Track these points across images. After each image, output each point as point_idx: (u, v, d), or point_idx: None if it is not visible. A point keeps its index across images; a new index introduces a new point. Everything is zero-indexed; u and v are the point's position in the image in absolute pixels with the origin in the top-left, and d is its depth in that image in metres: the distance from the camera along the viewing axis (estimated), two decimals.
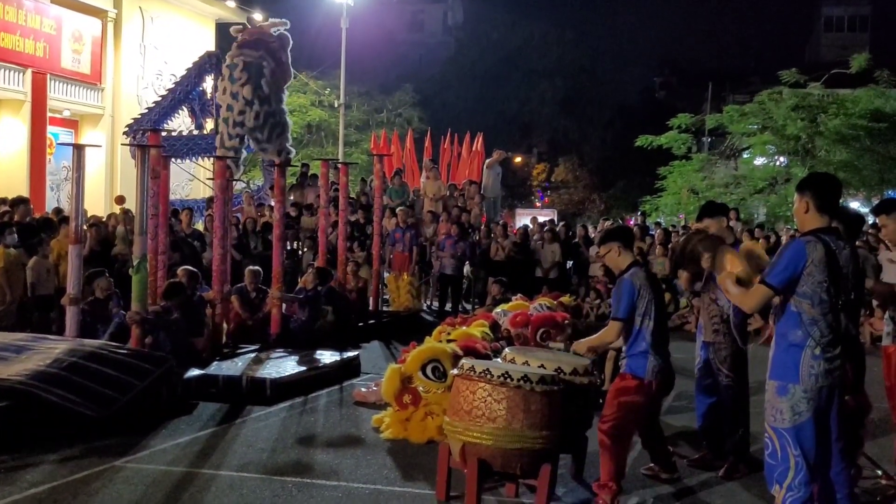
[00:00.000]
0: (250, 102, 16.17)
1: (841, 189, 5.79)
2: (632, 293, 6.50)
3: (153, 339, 10.74)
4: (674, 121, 31.40)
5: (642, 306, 6.51)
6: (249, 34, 16.76)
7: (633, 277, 6.56)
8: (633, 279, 6.55)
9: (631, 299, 6.50)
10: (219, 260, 12.42)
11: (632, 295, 6.50)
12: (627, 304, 6.50)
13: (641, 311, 6.51)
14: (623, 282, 6.61)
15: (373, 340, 14.83)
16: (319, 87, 38.75)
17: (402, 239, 18.11)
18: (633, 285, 6.51)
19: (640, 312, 6.50)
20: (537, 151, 60.84)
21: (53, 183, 24.45)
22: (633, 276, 6.58)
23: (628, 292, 6.52)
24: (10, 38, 22.25)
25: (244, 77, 16.08)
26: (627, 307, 6.50)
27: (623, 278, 6.63)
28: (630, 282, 6.54)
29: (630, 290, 6.51)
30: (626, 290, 6.53)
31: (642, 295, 6.51)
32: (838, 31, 64.78)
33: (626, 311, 6.50)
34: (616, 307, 6.61)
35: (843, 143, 27.75)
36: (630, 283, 6.53)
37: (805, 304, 5.26)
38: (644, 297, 6.51)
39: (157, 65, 27.76)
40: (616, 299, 6.63)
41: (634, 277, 6.56)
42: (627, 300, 6.51)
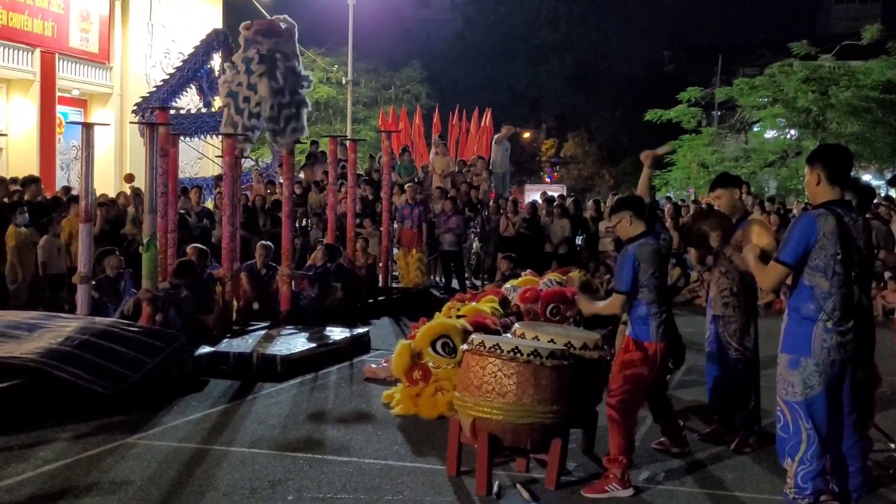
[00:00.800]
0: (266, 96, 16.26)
1: (852, 161, 5.76)
2: (634, 266, 6.45)
3: (163, 317, 10.76)
4: (683, 94, 31.24)
5: (643, 279, 6.46)
6: (259, 25, 16.80)
7: (637, 250, 6.50)
8: (637, 252, 6.49)
9: (632, 272, 6.45)
10: (228, 238, 12.44)
11: (634, 267, 6.45)
12: (629, 277, 6.44)
13: (643, 280, 6.45)
14: (626, 253, 6.54)
15: (382, 317, 14.85)
16: (327, 65, 38.67)
17: (410, 215, 18.09)
18: (634, 258, 6.46)
19: (643, 282, 6.45)
20: (546, 127, 60.73)
21: (63, 162, 24.49)
22: (636, 248, 6.52)
23: (630, 265, 6.46)
24: (19, 17, 22.25)
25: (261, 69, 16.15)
26: (629, 280, 6.44)
27: (626, 249, 6.58)
28: (633, 254, 6.48)
29: (631, 263, 6.46)
30: (628, 263, 6.48)
31: (643, 269, 6.45)
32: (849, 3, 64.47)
33: (629, 283, 6.44)
34: (618, 279, 6.56)
35: (855, 115, 27.59)
36: (632, 256, 6.47)
37: (818, 278, 5.24)
38: (645, 270, 6.46)
39: (164, 43, 27.73)
40: (618, 271, 6.59)
41: (638, 250, 6.50)
42: (629, 273, 6.46)
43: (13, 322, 9.57)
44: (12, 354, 8.53)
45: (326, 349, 11.12)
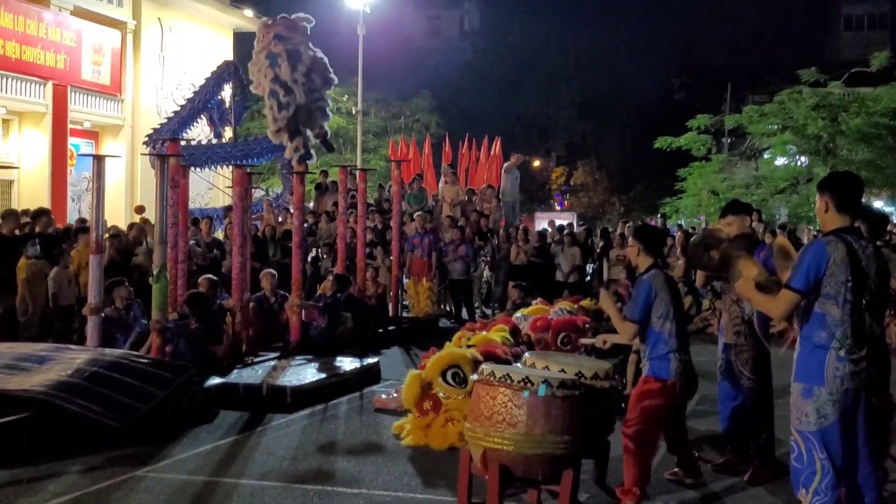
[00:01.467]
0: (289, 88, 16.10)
1: (862, 188, 5.72)
2: (648, 295, 6.47)
3: (173, 348, 10.75)
4: (693, 122, 31.22)
5: (661, 308, 6.46)
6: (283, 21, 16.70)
7: (652, 279, 6.53)
8: (652, 281, 6.51)
9: (647, 301, 6.46)
10: (238, 268, 12.45)
11: (648, 297, 6.46)
12: (643, 307, 6.47)
13: (660, 313, 6.46)
14: (641, 282, 6.59)
15: (393, 346, 14.81)
16: (337, 95, 38.74)
17: (420, 244, 18.07)
18: (650, 286, 6.48)
19: (660, 314, 6.46)
20: (556, 155, 60.74)
21: (74, 194, 24.57)
22: (651, 277, 6.55)
23: (645, 294, 6.49)
24: (32, 51, 22.39)
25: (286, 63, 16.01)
26: (642, 309, 6.47)
27: (642, 279, 6.60)
28: (648, 283, 6.50)
29: (647, 292, 6.48)
30: (643, 292, 6.50)
31: (661, 297, 6.46)
32: (858, 30, 64.47)
33: (641, 313, 6.47)
34: (632, 309, 6.58)
35: (866, 142, 27.55)
36: (648, 285, 6.50)
37: (829, 305, 5.20)
38: (663, 298, 6.47)
39: (175, 75, 27.88)
40: (633, 301, 6.61)
41: (653, 279, 6.52)
42: (643, 302, 6.48)
43: (23, 354, 9.57)
44: (22, 387, 8.52)
45: (336, 379, 11.10)
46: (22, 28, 22.05)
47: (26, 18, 22.18)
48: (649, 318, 6.48)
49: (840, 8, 66.44)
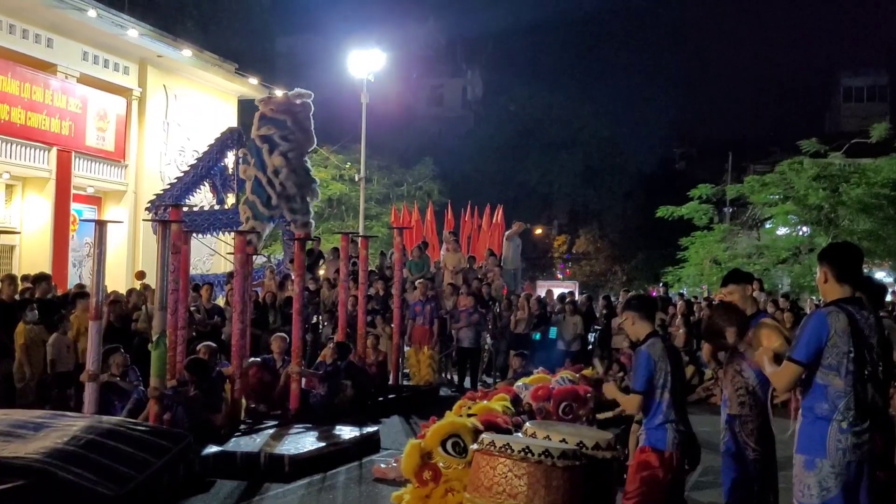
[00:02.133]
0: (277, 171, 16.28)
1: (862, 258, 5.72)
2: (649, 365, 6.42)
3: (171, 415, 10.68)
4: (694, 191, 31.33)
5: (660, 378, 6.41)
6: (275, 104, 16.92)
7: (651, 349, 6.48)
8: (650, 350, 6.47)
9: (648, 371, 6.42)
10: (238, 335, 12.41)
11: (649, 367, 6.42)
12: (645, 377, 6.42)
13: (659, 382, 6.41)
14: (640, 353, 6.53)
15: (392, 415, 14.68)
16: (340, 162, 39.02)
17: (422, 312, 18.03)
18: (649, 357, 6.44)
19: (659, 384, 6.41)
20: (557, 223, 60.95)
21: (76, 259, 24.58)
22: (650, 346, 6.50)
23: (645, 364, 6.44)
24: (37, 117, 22.55)
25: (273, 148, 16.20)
26: (645, 380, 6.42)
27: (640, 349, 6.56)
28: (647, 353, 6.46)
29: (647, 362, 6.43)
30: (643, 362, 6.46)
31: (659, 367, 6.42)
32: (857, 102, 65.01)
33: (644, 383, 6.41)
34: (634, 379, 6.53)
35: (867, 213, 27.60)
36: (647, 355, 6.45)
37: (831, 376, 5.17)
38: (662, 368, 6.42)
39: (179, 141, 28.06)
40: (634, 370, 6.56)
41: (652, 349, 6.48)
42: (644, 372, 6.43)
43: (19, 421, 9.48)
44: (17, 454, 8.43)
45: (335, 448, 11.00)
46: (28, 95, 22.22)
47: (33, 85, 22.37)
48: (652, 389, 6.42)
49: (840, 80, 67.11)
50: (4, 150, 21.86)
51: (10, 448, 8.61)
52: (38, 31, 22.74)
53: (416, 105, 60.61)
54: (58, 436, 8.89)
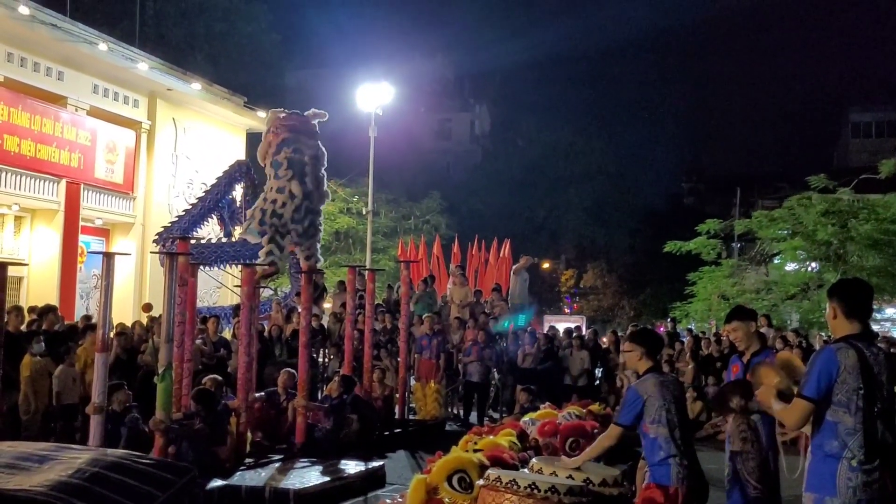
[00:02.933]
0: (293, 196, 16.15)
1: (871, 294, 5.68)
2: (634, 401, 6.41)
3: (176, 449, 10.63)
4: (702, 226, 31.26)
5: (651, 413, 6.37)
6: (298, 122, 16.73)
7: (640, 385, 6.47)
8: (639, 387, 6.46)
9: (632, 406, 6.42)
10: (244, 368, 12.36)
11: (633, 402, 6.41)
12: (627, 411, 6.45)
13: (652, 418, 6.36)
14: (629, 390, 6.55)
15: (398, 450, 14.61)
16: (348, 195, 39.11)
17: (429, 346, 17.97)
18: (636, 393, 6.43)
19: (651, 420, 6.36)
20: (565, 257, 60.95)
21: (83, 291, 24.58)
22: (640, 383, 6.50)
23: (630, 399, 6.44)
24: (46, 149, 22.63)
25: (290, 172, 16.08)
26: (626, 414, 6.46)
27: (630, 386, 6.56)
28: (634, 389, 6.47)
29: (632, 398, 6.43)
30: (629, 398, 6.46)
31: (650, 402, 6.38)
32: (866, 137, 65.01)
33: (626, 418, 6.45)
34: (618, 412, 6.55)
35: (876, 249, 27.51)
36: (633, 391, 6.46)
37: (841, 413, 5.13)
38: (653, 403, 6.38)
39: (188, 173, 28.15)
40: (620, 405, 6.57)
41: (641, 385, 6.47)
42: (628, 407, 6.46)
43: (24, 453, 9.41)
44: (21, 487, 8.38)
45: (341, 483, 10.95)
46: (38, 127, 22.32)
47: (43, 118, 22.47)
48: (635, 424, 6.42)
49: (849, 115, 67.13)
50: (14, 182, 21.92)
51: (14, 480, 8.56)
52: (48, 64, 22.87)
53: (424, 139, 60.80)
54: (62, 468, 8.83)
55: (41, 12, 21.64)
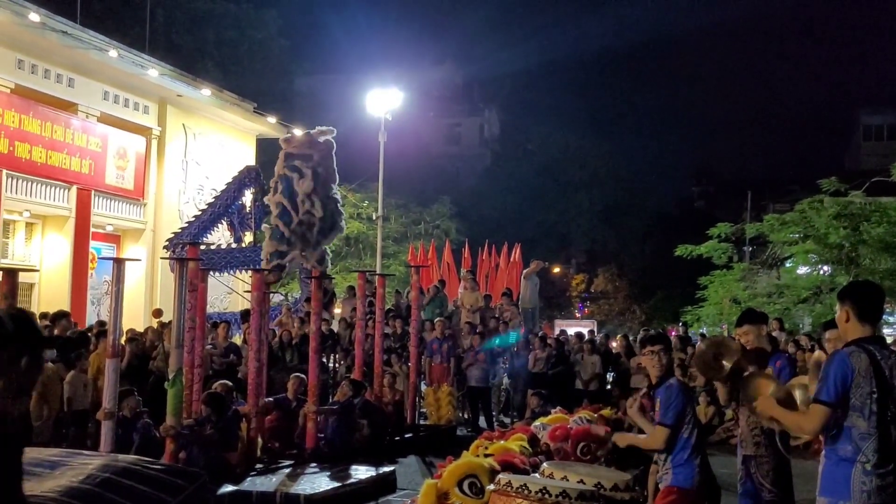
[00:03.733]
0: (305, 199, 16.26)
1: (884, 297, 5.64)
2: (681, 400, 6.33)
3: (187, 454, 10.63)
4: (713, 230, 31.18)
5: (689, 414, 6.33)
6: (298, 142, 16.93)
7: (681, 385, 6.41)
8: (681, 386, 6.40)
9: (681, 406, 6.32)
10: (254, 373, 12.35)
11: (681, 402, 6.33)
12: (677, 411, 6.31)
13: (688, 418, 6.32)
14: (672, 387, 6.42)
15: (409, 455, 14.56)
16: (357, 200, 39.09)
17: (439, 350, 17.93)
18: (682, 392, 6.35)
19: (687, 420, 6.32)
20: (576, 262, 60.90)
21: (94, 297, 24.64)
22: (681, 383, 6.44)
23: (679, 398, 6.34)
24: (58, 156, 22.71)
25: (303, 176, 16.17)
26: (676, 414, 6.31)
27: (671, 384, 6.45)
28: (679, 388, 6.37)
29: (680, 397, 6.34)
30: (677, 396, 6.35)
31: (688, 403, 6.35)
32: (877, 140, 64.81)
33: (675, 417, 6.30)
34: (664, 413, 6.39)
35: (888, 252, 27.37)
36: (679, 390, 6.36)
37: (855, 417, 5.08)
38: (690, 405, 6.36)
39: (198, 179, 28.22)
40: (665, 405, 6.42)
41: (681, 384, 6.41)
42: (677, 406, 6.33)
43: (35, 459, 9.42)
44: (33, 493, 8.37)
45: (351, 488, 10.92)
46: (49, 134, 22.40)
47: (54, 124, 22.55)
48: (682, 424, 6.34)
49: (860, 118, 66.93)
50: (25, 189, 22.00)
51: (25, 487, 8.54)
52: (59, 71, 22.96)
53: (433, 144, 60.80)
54: (74, 474, 8.83)
55: (51, 19, 21.73)
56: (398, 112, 33.57)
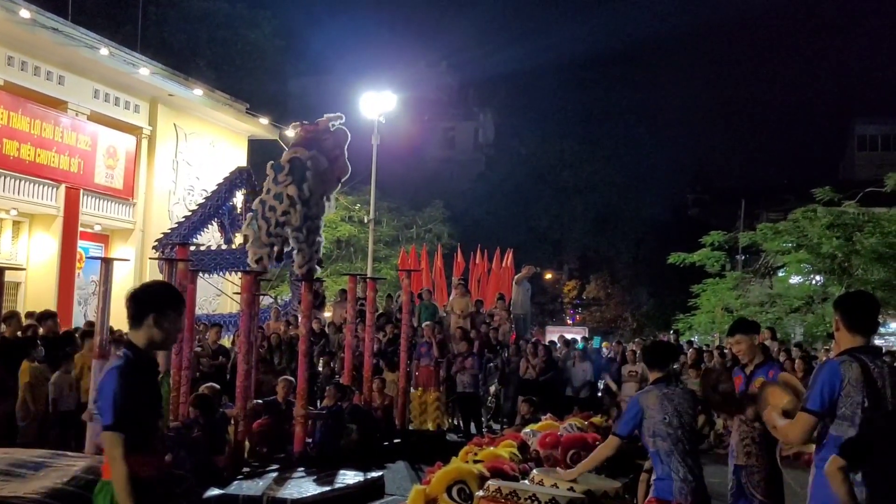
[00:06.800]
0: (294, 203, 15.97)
1: (878, 307, 5.60)
2: (634, 412, 6.31)
3: (173, 457, 10.52)
4: (707, 238, 31.17)
5: (650, 427, 6.24)
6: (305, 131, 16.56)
7: (641, 396, 6.36)
8: (640, 398, 6.35)
9: (632, 418, 6.32)
10: (243, 376, 12.25)
11: (634, 414, 6.31)
12: (625, 422, 6.37)
13: (651, 431, 6.24)
14: (630, 399, 6.45)
15: (398, 460, 14.48)
16: (349, 203, 39.00)
17: (428, 353, 17.82)
18: (637, 405, 6.32)
19: (651, 433, 6.23)
20: (568, 268, 60.87)
21: (81, 297, 24.51)
22: (642, 394, 6.39)
23: (631, 411, 6.35)
24: (46, 154, 22.58)
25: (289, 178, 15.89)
26: (626, 425, 6.36)
27: (632, 396, 6.47)
28: (636, 400, 6.36)
29: (633, 409, 6.34)
30: (629, 408, 6.39)
31: (649, 415, 6.25)
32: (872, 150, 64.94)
33: (624, 428, 6.35)
34: (616, 423, 6.47)
35: (881, 262, 27.34)
36: (635, 402, 6.36)
37: (845, 427, 5.05)
38: (652, 416, 6.25)
39: (189, 180, 28.11)
40: (623, 414, 6.48)
41: (643, 396, 6.36)
42: (627, 418, 6.38)
43: (19, 460, 9.34)
44: (16, 494, 8.28)
45: (339, 493, 10.84)
46: (38, 132, 22.27)
47: (43, 122, 22.42)
48: (630, 435, 6.33)
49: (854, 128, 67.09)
50: (13, 187, 21.86)
51: (9, 487, 8.47)
52: (49, 69, 22.83)
53: (427, 147, 60.75)
54: (58, 476, 8.74)
55: (42, 16, 21.60)
56: (392, 115, 33.52)
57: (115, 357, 4.94)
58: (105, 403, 4.58)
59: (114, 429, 4.54)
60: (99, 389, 4.67)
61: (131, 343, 4.87)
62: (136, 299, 5.03)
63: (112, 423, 4.54)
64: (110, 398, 4.56)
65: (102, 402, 4.60)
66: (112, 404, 4.55)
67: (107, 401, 4.57)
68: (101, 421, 4.62)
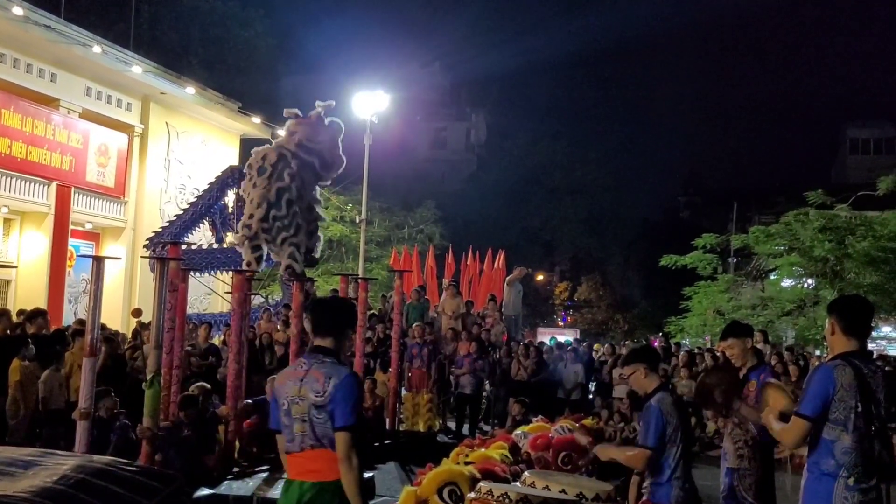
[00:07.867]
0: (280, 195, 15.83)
1: (872, 311, 5.61)
2: (659, 420, 6.18)
3: (163, 456, 10.49)
4: (699, 240, 31.16)
5: (670, 433, 6.20)
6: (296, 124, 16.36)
7: (661, 403, 6.24)
8: (661, 405, 6.23)
9: (660, 426, 6.17)
10: (234, 375, 12.21)
11: (660, 422, 6.18)
12: (657, 432, 6.16)
13: (669, 438, 6.19)
14: (650, 408, 6.27)
15: (388, 461, 14.44)
16: (341, 203, 38.92)
17: (419, 354, 17.78)
18: (660, 412, 6.19)
19: (668, 440, 6.19)
20: (560, 269, 60.90)
21: (72, 295, 24.45)
22: (660, 401, 6.26)
23: (656, 419, 6.18)
24: (37, 151, 22.52)
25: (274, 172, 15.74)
26: (657, 435, 6.15)
27: (650, 404, 6.30)
28: (658, 408, 6.21)
29: (658, 417, 6.18)
30: (654, 417, 6.19)
31: (669, 421, 6.20)
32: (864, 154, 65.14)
33: (656, 439, 6.14)
34: (644, 435, 6.25)
35: (873, 266, 27.37)
36: (658, 410, 6.21)
37: (838, 431, 5.06)
38: (670, 422, 6.20)
39: (180, 178, 28.07)
40: (644, 426, 6.28)
41: (661, 403, 6.24)
42: (657, 428, 6.17)
43: (8, 459, 9.23)
44: (5, 493, 8.23)
45: None
46: (30, 129, 22.21)
47: (35, 120, 22.36)
48: (663, 445, 6.18)
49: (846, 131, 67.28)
50: (4, 185, 21.81)
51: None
52: (42, 66, 22.78)
53: (419, 147, 60.73)
54: (47, 475, 8.65)
55: (35, 13, 21.57)
56: (384, 115, 33.47)
57: (321, 363, 5.20)
58: (345, 405, 5.00)
59: (354, 430, 4.98)
60: (334, 391, 5.03)
61: (331, 351, 5.26)
62: (342, 312, 5.47)
63: (354, 424, 4.98)
64: (351, 401, 5.03)
65: (340, 404, 5.00)
66: (353, 407, 5.01)
67: (347, 403, 5.00)
68: (330, 421, 5.01)
